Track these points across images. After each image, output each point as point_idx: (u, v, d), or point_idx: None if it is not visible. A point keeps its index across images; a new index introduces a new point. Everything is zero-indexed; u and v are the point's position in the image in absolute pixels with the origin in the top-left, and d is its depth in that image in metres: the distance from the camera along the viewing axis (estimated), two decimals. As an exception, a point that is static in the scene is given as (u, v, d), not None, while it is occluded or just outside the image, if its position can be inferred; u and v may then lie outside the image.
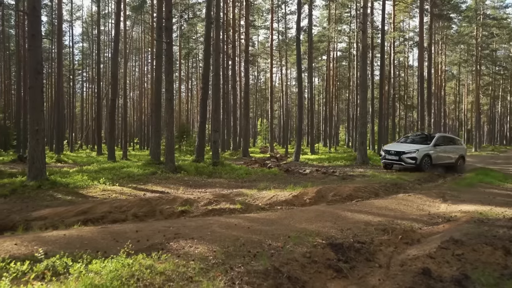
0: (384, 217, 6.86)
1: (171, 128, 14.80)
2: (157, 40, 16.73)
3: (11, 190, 9.65)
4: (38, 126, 10.30)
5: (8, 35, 46.64)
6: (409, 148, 16.04)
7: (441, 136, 17.55)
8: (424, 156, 15.68)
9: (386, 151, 16.80)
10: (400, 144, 17.32)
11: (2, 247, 4.67)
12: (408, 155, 15.65)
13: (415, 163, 15.45)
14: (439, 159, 16.52)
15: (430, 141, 16.47)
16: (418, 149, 15.78)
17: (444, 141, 17.29)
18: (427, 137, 17.34)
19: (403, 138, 18.81)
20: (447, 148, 17.13)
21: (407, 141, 17.61)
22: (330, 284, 4.20)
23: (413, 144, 16.75)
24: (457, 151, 17.60)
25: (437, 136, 17.07)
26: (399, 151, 15.99)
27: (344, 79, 57.11)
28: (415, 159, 15.49)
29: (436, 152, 16.31)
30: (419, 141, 17.07)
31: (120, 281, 3.51)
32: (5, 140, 38.47)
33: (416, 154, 15.55)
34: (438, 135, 17.40)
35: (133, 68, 60.79)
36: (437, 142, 16.50)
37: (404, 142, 17.55)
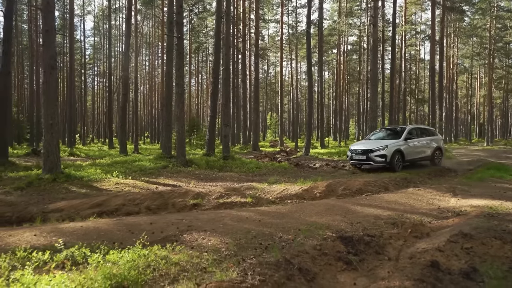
0: (393, 211, 6.92)
1: (182, 123, 14.96)
2: (168, 34, 16.85)
3: (27, 183, 9.89)
4: (52, 120, 10.51)
5: (20, 29, 47.14)
6: (377, 145, 14.22)
7: (413, 128, 15.66)
8: (395, 152, 13.89)
9: (353, 150, 14.81)
10: (368, 141, 15.48)
11: (23, 237, 4.85)
12: (376, 153, 13.85)
13: (385, 161, 13.69)
14: (413, 154, 14.84)
15: (400, 135, 14.81)
16: (387, 145, 13.94)
17: (416, 133, 15.51)
18: (397, 131, 15.63)
19: (371, 135, 16.72)
20: (421, 141, 15.38)
21: (376, 137, 15.82)
22: (340, 276, 4.29)
23: (383, 140, 15.02)
24: (433, 143, 15.86)
25: (408, 128, 15.23)
26: (366, 150, 14.19)
27: (354, 72, 56.80)
28: (385, 156, 13.69)
29: (408, 147, 14.57)
30: (389, 136, 15.46)
31: (137, 271, 3.65)
32: (19, 133, 39.04)
33: (385, 151, 13.72)
34: (409, 127, 15.55)
35: (144, 62, 61.14)
36: (408, 135, 14.79)
37: (373, 139, 15.78)
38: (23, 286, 3.21)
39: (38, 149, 24.39)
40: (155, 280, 3.66)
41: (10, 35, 15.91)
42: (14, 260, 3.93)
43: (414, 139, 14.95)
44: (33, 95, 38.53)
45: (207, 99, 61.45)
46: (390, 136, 15.35)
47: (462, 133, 66.81)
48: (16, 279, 3.44)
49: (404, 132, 14.79)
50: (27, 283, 3.25)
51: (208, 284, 3.48)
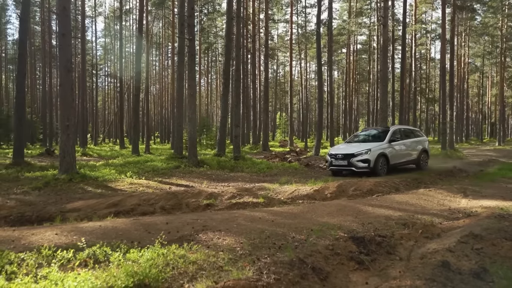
0: (404, 212, 7.00)
1: (193, 123, 15.15)
2: (179, 36, 17.04)
3: (44, 183, 10.15)
4: (68, 122, 10.76)
5: (33, 31, 47.82)
6: (359, 148, 13.15)
7: (397, 129, 14.60)
8: (379, 156, 12.85)
9: (333, 155, 13.55)
10: (349, 144, 14.41)
11: (45, 236, 5.04)
12: (358, 158, 12.78)
13: (369, 167, 12.65)
14: (398, 157, 13.80)
15: (384, 137, 13.73)
16: (370, 148, 12.89)
17: (401, 134, 14.42)
18: (381, 132, 14.53)
19: (352, 137, 15.77)
20: (406, 143, 14.34)
21: (358, 140, 14.83)
22: (352, 275, 4.41)
23: (365, 143, 14.04)
24: (418, 145, 14.88)
25: (392, 129, 14.20)
26: (347, 154, 13.08)
27: (364, 72, 56.67)
28: (368, 161, 12.65)
29: (393, 150, 13.55)
30: (371, 139, 14.41)
31: (157, 269, 3.80)
32: (32, 134, 39.64)
33: (368, 155, 12.69)
34: (393, 128, 14.54)
35: (154, 63, 61.57)
36: (392, 137, 13.76)
37: (354, 142, 14.72)
38: (50, 282, 3.38)
39: (51, 149, 24.81)
40: (174, 278, 3.82)
41: (25, 37, 16.23)
42: (40, 258, 4.11)
43: (399, 141, 13.95)
44: (45, 96, 39.12)
45: (217, 99, 61.75)
46: (373, 139, 14.31)
47: (473, 132, 66.22)
48: (43, 276, 3.61)
49: (388, 133, 13.75)
50: (54, 280, 3.41)
51: (225, 282, 3.62)
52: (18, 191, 9.71)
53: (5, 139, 35.88)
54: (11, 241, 4.77)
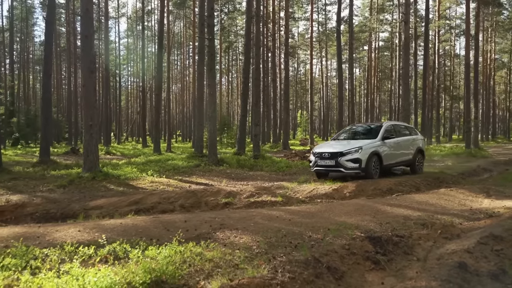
0: (424, 212, 6.92)
1: (214, 122, 15.30)
2: (200, 36, 17.22)
3: (69, 181, 10.46)
4: (91, 122, 11.04)
5: (58, 32, 49.04)
6: (348, 146, 11.32)
7: (391, 125, 12.80)
8: (371, 155, 11.09)
9: (318, 154, 11.60)
10: (337, 142, 12.54)
11: (68, 233, 5.21)
12: (348, 157, 10.98)
13: (360, 167, 10.93)
14: (392, 157, 12.13)
15: (376, 134, 11.99)
16: (361, 146, 11.09)
17: (395, 131, 12.68)
18: (372, 129, 12.86)
19: (340, 133, 13.81)
20: (401, 141, 12.61)
21: (346, 137, 13.03)
22: (368, 275, 4.41)
23: (355, 140, 12.21)
24: (414, 144, 13.20)
25: (385, 125, 12.41)
26: (335, 153, 11.17)
27: (386, 69, 55.88)
28: (359, 161, 10.91)
29: (387, 148, 11.80)
30: (362, 136, 12.69)
31: (174, 266, 3.89)
32: (58, 133, 40.72)
33: (359, 154, 10.93)
34: (387, 124, 12.69)
35: (175, 62, 62.25)
36: (386, 133, 12.00)
37: (342, 139, 12.87)
38: (72, 277, 3.50)
39: (76, 148, 25.46)
40: (191, 275, 3.90)
41: (51, 39, 16.69)
42: (63, 254, 4.26)
43: (393, 139, 12.19)
44: (71, 96, 40.10)
45: (237, 97, 61.99)
46: (364, 136, 12.62)
47: (500, 130, 64.44)
48: (65, 271, 3.75)
49: (381, 130, 11.99)
50: (75, 275, 3.54)
51: (240, 280, 3.68)
52: (44, 188, 10.05)
53: (32, 138, 37.00)
54: (36, 237, 4.96)
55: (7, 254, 4.11)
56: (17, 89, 43.11)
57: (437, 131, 40.91)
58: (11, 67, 42.31)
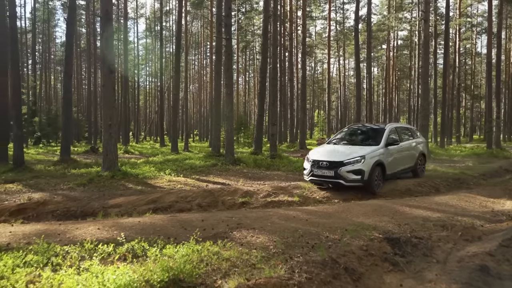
0: (443, 213, 6.80)
1: (231, 122, 15.34)
2: (217, 36, 17.29)
3: (88, 180, 10.64)
4: (111, 121, 11.20)
5: (78, 33, 49.92)
6: (349, 154, 9.88)
7: (394, 129, 11.35)
8: (375, 166, 9.69)
9: (315, 162, 10.03)
10: (335, 147, 10.92)
11: (88, 230, 5.30)
12: (349, 168, 9.49)
13: (362, 179, 9.46)
14: (396, 165, 10.75)
15: (378, 139, 10.56)
16: (364, 155, 9.66)
17: (398, 135, 11.31)
18: (374, 132, 11.36)
19: (338, 136, 12.00)
20: (405, 147, 11.30)
21: (345, 141, 11.40)
22: (386, 277, 4.36)
23: (355, 145, 10.72)
24: (417, 148, 12.06)
25: (389, 129, 10.96)
26: (334, 162, 9.68)
27: (405, 68, 55.12)
28: (361, 173, 9.46)
29: (390, 156, 10.41)
30: (363, 140, 11.18)
31: (192, 265, 3.92)
32: (78, 132, 41.49)
33: (361, 165, 9.50)
34: (390, 127, 11.18)
35: (193, 62, 62.66)
36: (390, 139, 10.64)
37: (341, 143, 11.27)
38: (92, 275, 3.56)
39: (96, 147, 25.90)
40: (208, 274, 3.92)
41: (71, 40, 17.00)
42: (83, 251, 4.34)
43: (397, 145, 10.78)
44: (90, 96, 40.77)
45: (254, 97, 62.03)
46: (365, 140, 11.14)
47: (524, 130, 62.81)
48: (85, 268, 3.82)
49: (384, 134, 10.62)
50: (95, 272, 3.60)
51: (257, 279, 3.68)
52: (65, 187, 10.25)
53: (53, 137, 37.78)
54: (57, 235, 5.06)
55: (29, 251, 4.21)
56: (39, 89, 44.05)
57: (458, 131, 40.18)
58: (34, 68, 43.27)
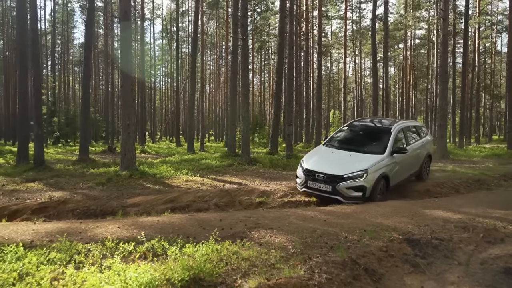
0: (464, 215, 6.69)
1: (246, 122, 15.37)
2: (233, 36, 17.35)
3: (107, 179, 10.80)
4: (129, 121, 11.33)
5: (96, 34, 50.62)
6: (350, 165, 8.47)
7: (401, 130, 9.78)
8: (380, 179, 8.44)
9: (310, 172, 8.60)
10: (333, 154, 9.25)
11: (108, 229, 5.38)
12: (350, 184, 8.18)
13: (363, 196, 8.24)
14: (401, 174, 9.41)
15: (383, 144, 9.04)
16: (366, 169, 8.27)
17: (406, 139, 9.86)
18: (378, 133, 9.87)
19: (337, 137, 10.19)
20: (411, 152, 9.71)
21: (344, 146, 9.52)
22: (407, 278, 4.31)
23: (357, 153, 9.00)
24: (424, 150, 10.66)
25: (395, 131, 9.36)
26: (333, 176, 8.28)
27: (422, 68, 54.39)
28: (363, 189, 8.21)
29: (396, 166, 9.05)
30: (366, 144, 9.48)
31: (212, 264, 3.94)
32: (96, 132, 42.10)
33: (364, 181, 8.19)
34: (396, 128, 9.54)
35: (208, 62, 62.96)
36: (396, 145, 9.17)
37: (340, 147, 9.51)
38: (114, 272, 3.61)
39: (113, 146, 26.23)
40: (228, 273, 3.94)
41: (90, 41, 17.26)
42: (104, 249, 4.40)
43: (403, 153, 9.19)
44: (108, 96, 41.35)
45: (269, 97, 61.99)
46: (368, 144, 9.50)
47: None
48: (107, 266, 3.88)
49: (390, 140, 9.05)
50: (117, 270, 3.65)
51: (277, 279, 3.69)
52: (84, 186, 10.41)
53: (72, 137, 38.41)
54: (78, 233, 5.15)
55: (52, 249, 4.28)
56: (58, 89, 44.85)
57: (477, 131, 39.50)
58: (53, 69, 44.07)
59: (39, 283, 3.44)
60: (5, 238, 4.91)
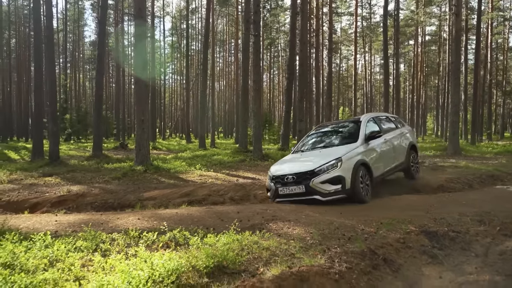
0: (480, 208, 6.70)
1: (259, 118, 15.46)
2: (245, 33, 17.41)
3: (122, 174, 10.98)
4: (143, 117, 11.48)
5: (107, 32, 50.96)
6: (320, 159, 7.50)
7: (372, 119, 8.98)
8: (357, 167, 7.34)
9: (278, 178, 7.56)
10: (302, 155, 8.40)
11: (128, 220, 5.51)
12: (324, 177, 7.13)
13: (343, 189, 7.13)
14: (383, 164, 8.44)
15: (355, 134, 8.25)
16: (339, 157, 7.34)
17: (379, 126, 8.90)
18: (348, 127, 8.98)
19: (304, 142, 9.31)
20: (390, 138, 8.92)
21: (314, 145, 8.87)
22: (425, 269, 4.36)
23: (327, 148, 8.33)
24: (404, 139, 9.64)
25: (365, 120, 8.65)
26: (302, 173, 7.29)
27: (433, 64, 53.97)
28: (341, 180, 7.13)
29: (374, 152, 8.14)
30: (336, 140, 8.73)
31: (234, 253, 4.04)
32: (106, 129, 42.43)
33: (339, 171, 7.17)
34: (366, 117, 8.88)
35: (218, 60, 63.11)
36: (370, 131, 8.32)
37: (308, 149, 8.75)
38: (140, 259, 3.73)
39: (125, 143, 26.48)
40: (250, 261, 4.03)
41: (103, 38, 17.44)
42: (128, 238, 4.53)
43: (379, 138, 8.41)
44: (119, 93, 41.65)
45: (279, 94, 62.02)
46: (339, 139, 8.72)
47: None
48: (133, 254, 4.00)
49: (361, 127, 8.32)
50: (143, 257, 3.76)
51: (300, 267, 3.77)
52: (100, 180, 10.60)
53: (83, 134, 38.81)
54: (100, 224, 5.29)
55: (78, 238, 4.42)
56: (69, 87, 45.31)
57: (489, 128, 39.15)
58: (64, 66, 44.50)
59: (69, 269, 3.56)
60: (30, 228, 5.07)
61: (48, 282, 3.24)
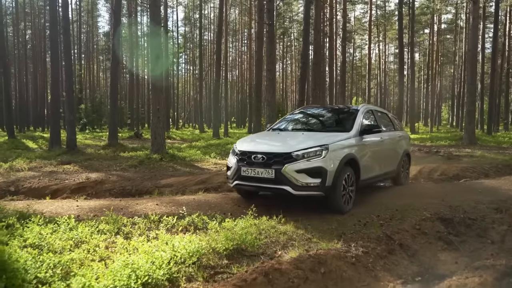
0: (496, 197, 6.67)
1: (273, 107, 15.48)
2: (258, 22, 17.37)
3: (139, 162, 11.15)
4: (159, 106, 11.62)
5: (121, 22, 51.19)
6: (300, 143, 5.72)
7: (371, 111, 7.32)
8: (344, 163, 5.65)
9: (242, 154, 5.83)
10: (278, 135, 6.63)
11: (147, 206, 5.64)
12: (301, 165, 5.37)
13: (322, 185, 5.35)
14: (374, 165, 6.77)
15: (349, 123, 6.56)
16: (326, 144, 5.57)
17: (376, 121, 7.24)
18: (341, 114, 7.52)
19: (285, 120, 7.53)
20: (387, 140, 7.32)
21: (296, 126, 7.24)
22: (441, 255, 4.41)
23: (311, 132, 6.65)
24: (401, 145, 8.08)
25: (363, 110, 6.94)
26: (275, 154, 5.55)
27: (448, 53, 53.12)
28: (321, 173, 5.38)
29: (367, 150, 6.51)
30: (322, 125, 7.18)
31: (252, 236, 4.13)
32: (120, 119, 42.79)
33: (322, 161, 5.43)
34: (364, 107, 7.10)
35: (230, 49, 62.98)
36: (365, 124, 6.70)
37: (288, 129, 7.08)
38: (161, 241, 3.85)
39: (139, 132, 26.77)
40: (268, 245, 4.13)
41: (118, 28, 17.57)
42: (148, 222, 4.66)
43: (375, 134, 6.79)
44: (132, 83, 41.93)
45: (291, 84, 61.78)
46: (327, 125, 7.14)
47: None
48: (154, 237, 4.13)
49: (357, 116, 6.63)
50: (164, 240, 3.88)
51: (317, 250, 3.85)
52: (117, 168, 10.78)
53: (98, 124, 39.29)
54: (120, 209, 5.42)
55: (100, 221, 4.55)
56: (84, 77, 45.77)
57: (506, 118, 38.54)
58: (79, 57, 44.92)
59: (94, 250, 3.70)
60: (53, 212, 5.23)
61: (75, 261, 3.38)
